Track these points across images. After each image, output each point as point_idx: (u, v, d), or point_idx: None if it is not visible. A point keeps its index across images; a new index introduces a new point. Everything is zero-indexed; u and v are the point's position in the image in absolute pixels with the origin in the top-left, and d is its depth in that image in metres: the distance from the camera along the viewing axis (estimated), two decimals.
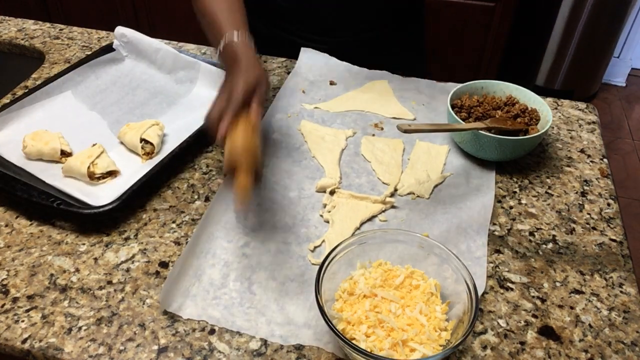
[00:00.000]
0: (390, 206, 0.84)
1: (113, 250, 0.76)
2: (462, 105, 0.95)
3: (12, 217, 0.81)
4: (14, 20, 1.31)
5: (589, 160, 0.95)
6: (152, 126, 0.91)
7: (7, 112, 0.94)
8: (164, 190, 0.86)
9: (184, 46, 1.22)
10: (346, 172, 0.90)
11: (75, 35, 1.27)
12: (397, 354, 0.59)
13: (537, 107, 0.94)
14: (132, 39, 1.10)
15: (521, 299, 0.71)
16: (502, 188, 0.88)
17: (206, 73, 1.05)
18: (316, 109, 1.04)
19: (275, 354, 0.64)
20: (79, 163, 0.83)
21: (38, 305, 0.69)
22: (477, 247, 0.77)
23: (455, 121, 0.89)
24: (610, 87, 3.02)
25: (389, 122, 1.02)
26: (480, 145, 0.88)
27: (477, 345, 0.66)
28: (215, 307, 0.69)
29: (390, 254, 0.69)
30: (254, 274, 0.73)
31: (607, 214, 0.84)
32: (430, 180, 0.88)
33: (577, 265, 0.76)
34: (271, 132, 0.98)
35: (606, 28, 2.55)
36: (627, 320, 0.69)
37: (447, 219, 0.81)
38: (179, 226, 0.80)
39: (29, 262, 0.74)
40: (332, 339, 0.65)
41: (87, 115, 0.99)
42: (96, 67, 1.08)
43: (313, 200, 0.84)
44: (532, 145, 0.90)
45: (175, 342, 0.65)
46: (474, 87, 0.98)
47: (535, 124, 0.92)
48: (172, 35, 1.36)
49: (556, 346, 0.66)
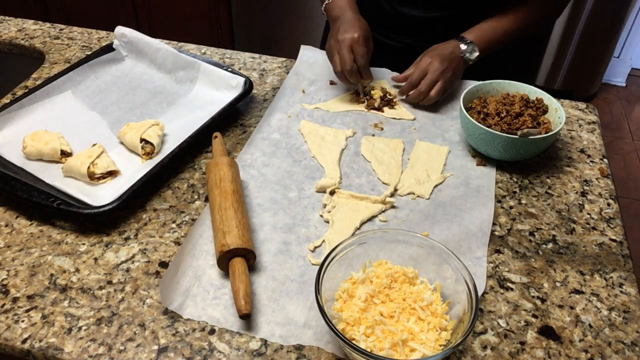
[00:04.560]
0: (390, 206, 0.84)
1: (113, 250, 0.76)
2: (473, 107, 0.94)
3: (12, 217, 0.81)
4: (14, 20, 1.31)
5: (589, 160, 0.95)
6: (152, 126, 0.91)
7: (7, 112, 0.94)
8: (164, 190, 0.86)
9: (184, 46, 1.22)
10: (346, 172, 0.90)
11: (75, 35, 1.27)
12: (397, 354, 0.59)
13: (547, 103, 0.94)
14: (132, 38, 1.10)
15: (521, 299, 0.71)
16: (502, 188, 0.88)
17: (206, 73, 1.05)
18: (316, 109, 1.04)
19: (275, 354, 0.64)
20: (79, 163, 0.83)
21: (38, 305, 0.69)
22: (477, 247, 0.77)
23: (470, 123, 0.88)
24: (610, 87, 3.02)
25: (389, 122, 1.02)
26: (494, 146, 0.88)
27: (477, 345, 0.66)
28: (215, 307, 0.69)
29: (390, 254, 0.69)
30: (254, 274, 0.73)
31: (607, 214, 0.84)
32: (430, 181, 0.88)
33: (577, 265, 0.76)
34: (271, 132, 0.98)
35: (606, 28, 2.54)
36: (627, 320, 0.69)
37: (447, 219, 0.81)
38: (179, 226, 0.80)
39: (29, 262, 0.74)
40: (332, 339, 0.65)
41: (87, 115, 0.99)
42: (96, 67, 1.08)
43: (313, 200, 0.84)
44: (547, 145, 0.89)
45: (175, 342, 0.65)
46: (485, 88, 0.97)
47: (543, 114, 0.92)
48: (172, 35, 1.36)
49: (556, 346, 0.66)
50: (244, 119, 1.02)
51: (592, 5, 2.44)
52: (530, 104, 0.94)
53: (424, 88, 1.01)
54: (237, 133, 0.99)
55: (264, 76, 1.15)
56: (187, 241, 0.77)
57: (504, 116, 0.91)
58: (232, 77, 1.03)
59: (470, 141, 0.93)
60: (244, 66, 1.17)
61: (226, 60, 1.19)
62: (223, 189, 0.77)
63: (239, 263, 0.69)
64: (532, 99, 0.95)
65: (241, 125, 1.01)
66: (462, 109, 0.90)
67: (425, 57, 1.03)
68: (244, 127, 1.01)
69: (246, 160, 0.92)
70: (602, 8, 2.45)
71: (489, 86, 0.97)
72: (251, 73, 1.15)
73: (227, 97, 1.00)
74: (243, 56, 1.21)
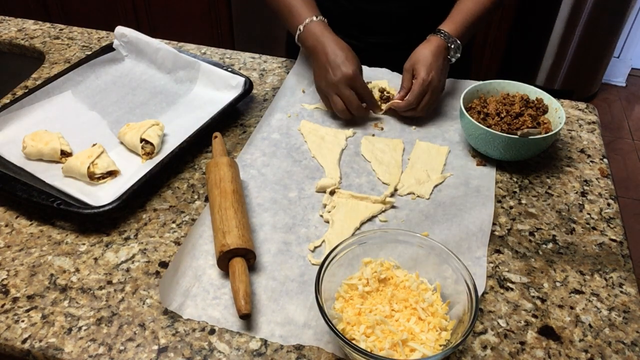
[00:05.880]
0: (390, 206, 0.84)
1: (113, 250, 0.76)
2: (473, 107, 0.94)
3: (12, 217, 0.81)
4: (14, 20, 1.32)
5: (589, 160, 0.95)
6: (152, 126, 0.91)
7: (7, 112, 0.94)
8: (164, 190, 0.86)
9: (184, 46, 1.22)
10: (346, 172, 0.90)
11: (75, 35, 1.27)
12: (397, 354, 0.59)
13: (547, 103, 0.94)
14: (132, 38, 1.10)
15: (521, 299, 0.71)
16: (502, 188, 0.88)
17: (206, 73, 1.05)
18: (316, 109, 1.04)
19: (275, 354, 0.64)
20: (79, 163, 0.83)
21: (38, 305, 0.69)
22: (477, 247, 0.77)
23: (470, 123, 0.88)
24: (610, 87, 3.02)
25: (389, 122, 1.02)
26: (494, 146, 0.88)
27: (477, 345, 0.66)
28: (215, 307, 0.69)
29: (390, 254, 0.69)
30: (254, 274, 0.73)
31: (607, 214, 0.84)
32: (430, 181, 0.88)
33: (577, 265, 0.76)
34: (271, 132, 0.98)
35: (606, 28, 2.55)
36: (627, 320, 0.69)
37: (447, 219, 0.81)
38: (179, 226, 0.80)
39: (29, 262, 0.74)
40: (332, 339, 0.65)
41: (87, 115, 0.99)
42: (96, 67, 1.08)
43: (313, 200, 0.84)
44: (547, 145, 0.89)
45: (175, 342, 0.65)
46: (485, 88, 0.97)
47: (543, 115, 0.92)
48: (172, 35, 1.36)
49: (556, 346, 0.66)
50: (244, 119, 1.02)
51: (592, 5, 2.44)
52: (530, 104, 0.94)
53: (420, 108, 0.97)
54: (237, 133, 0.99)
55: (264, 76, 1.15)
56: (187, 241, 0.77)
57: (504, 116, 0.91)
58: (232, 77, 1.03)
59: (470, 141, 0.93)
60: (244, 66, 1.17)
61: (226, 60, 1.19)
62: (223, 189, 0.77)
63: (239, 263, 0.69)
64: (532, 99, 0.95)
65: (241, 125, 1.01)
66: (462, 109, 0.90)
67: (421, 69, 0.95)
68: (244, 127, 1.01)
69: (246, 160, 0.92)
70: (602, 8, 2.45)
71: (489, 86, 0.98)
72: (251, 73, 1.15)
73: (227, 97, 1.00)
74: (243, 56, 1.21)
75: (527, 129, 0.87)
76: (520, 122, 0.90)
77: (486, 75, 2.38)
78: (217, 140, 0.89)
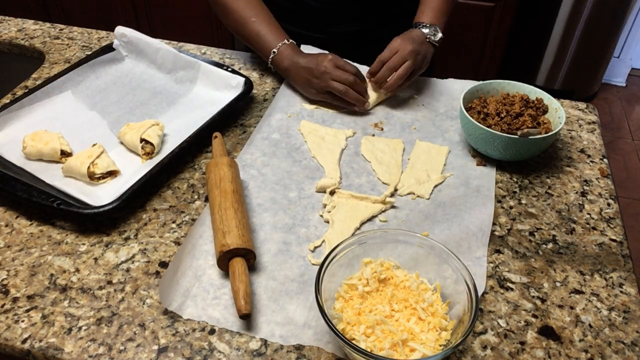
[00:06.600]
0: (390, 206, 0.84)
1: (113, 250, 0.76)
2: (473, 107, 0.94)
3: (12, 217, 0.81)
4: (14, 20, 1.32)
5: (589, 160, 0.95)
6: (152, 126, 0.91)
7: (7, 112, 0.94)
8: (164, 190, 0.86)
9: (184, 46, 1.22)
10: (346, 172, 0.90)
11: (75, 35, 1.27)
12: (397, 354, 0.59)
13: (547, 103, 0.94)
14: (132, 38, 1.10)
15: (521, 299, 0.71)
16: (502, 188, 0.88)
17: (206, 73, 1.05)
18: (316, 109, 1.04)
19: (275, 354, 0.64)
20: (79, 163, 0.83)
21: (38, 305, 0.69)
22: (477, 247, 0.77)
23: (470, 123, 0.88)
24: (610, 87, 3.02)
25: (389, 122, 1.02)
26: (494, 146, 0.88)
27: (477, 345, 0.66)
28: (215, 307, 0.69)
29: (390, 254, 0.69)
30: (254, 274, 0.73)
31: (607, 214, 0.84)
32: (430, 181, 0.88)
33: (577, 265, 0.76)
34: (271, 132, 0.98)
35: (606, 28, 2.54)
36: (627, 320, 0.69)
37: (447, 219, 0.81)
38: (179, 226, 0.80)
39: (29, 262, 0.74)
40: (332, 339, 0.65)
41: (87, 115, 0.99)
42: (96, 67, 1.08)
43: (313, 200, 0.84)
44: (547, 145, 0.89)
45: (175, 342, 0.65)
46: (485, 88, 0.97)
47: (543, 115, 0.92)
48: (172, 35, 1.36)
49: (556, 346, 0.66)
50: (244, 119, 1.02)
51: (592, 5, 2.44)
52: (530, 104, 0.94)
53: (392, 64, 0.99)
54: (237, 133, 0.99)
55: (264, 76, 1.15)
56: (187, 241, 0.77)
57: (504, 116, 0.91)
58: (232, 77, 1.03)
59: (470, 141, 0.93)
60: (244, 66, 1.17)
61: (226, 60, 1.19)
62: (223, 189, 0.77)
63: (239, 263, 0.69)
64: (532, 99, 0.95)
65: (241, 125, 1.01)
66: (462, 109, 0.90)
67: (395, 40, 1.00)
68: (244, 127, 1.01)
69: (246, 160, 0.92)
70: (602, 8, 2.45)
71: (489, 86, 0.97)
72: (251, 73, 1.15)
73: (227, 97, 1.00)
74: (243, 56, 1.21)
75: (527, 129, 0.87)
76: (520, 122, 0.90)
77: (486, 75, 2.38)
78: (217, 140, 0.90)
